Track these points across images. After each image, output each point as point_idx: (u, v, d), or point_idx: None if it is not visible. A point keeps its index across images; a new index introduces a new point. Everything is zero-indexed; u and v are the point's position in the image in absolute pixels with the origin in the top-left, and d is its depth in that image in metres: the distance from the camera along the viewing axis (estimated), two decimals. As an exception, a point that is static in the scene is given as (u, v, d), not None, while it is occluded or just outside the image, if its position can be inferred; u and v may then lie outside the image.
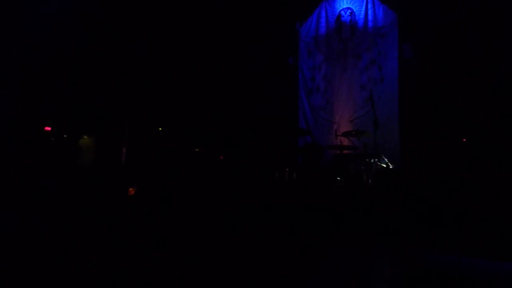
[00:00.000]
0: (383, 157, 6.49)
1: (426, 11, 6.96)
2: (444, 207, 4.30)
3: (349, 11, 8.13)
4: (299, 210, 5.18)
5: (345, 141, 6.99)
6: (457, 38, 6.60)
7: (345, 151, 6.89)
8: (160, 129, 8.25)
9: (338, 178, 6.34)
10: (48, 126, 7.53)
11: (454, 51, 6.62)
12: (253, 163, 7.19)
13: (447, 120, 6.52)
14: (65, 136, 7.78)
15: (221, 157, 8.00)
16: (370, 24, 7.96)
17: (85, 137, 8.04)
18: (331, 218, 4.92)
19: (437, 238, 3.98)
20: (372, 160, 6.34)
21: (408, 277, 3.25)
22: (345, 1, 8.20)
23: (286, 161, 7.18)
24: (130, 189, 6.18)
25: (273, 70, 8.27)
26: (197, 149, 8.17)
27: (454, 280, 3.01)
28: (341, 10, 8.21)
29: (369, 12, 7.97)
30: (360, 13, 8.04)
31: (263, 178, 6.78)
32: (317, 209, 5.14)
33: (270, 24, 8.15)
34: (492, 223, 3.80)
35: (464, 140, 6.24)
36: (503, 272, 3.10)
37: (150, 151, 7.90)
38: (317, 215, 5.02)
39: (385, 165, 6.44)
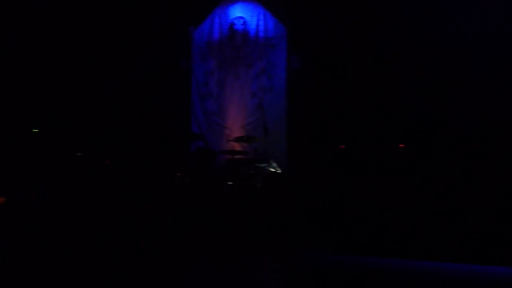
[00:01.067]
0: (272, 162, 6.78)
1: (314, 27, 7.50)
2: (328, 209, 4.65)
3: (242, 20, 8.35)
4: (190, 215, 5.12)
5: (237, 146, 7.15)
6: (341, 52, 7.25)
7: (237, 156, 7.04)
8: (36, 131, 7.42)
9: (230, 183, 6.43)
10: None
11: (338, 65, 7.26)
12: (143, 168, 6.90)
13: (330, 128, 7.09)
14: None
15: (107, 162, 7.50)
16: (261, 34, 8.28)
17: None
18: (222, 222, 4.96)
19: (321, 238, 4.28)
20: (261, 165, 6.59)
21: (293, 276, 3.41)
22: (238, 10, 8.40)
23: (178, 166, 7.04)
24: (-1, 198, 5.42)
25: (165, 73, 8.08)
26: (79, 153, 7.53)
27: (337, 278, 3.24)
28: (234, 19, 8.39)
29: (261, 23, 8.30)
30: (252, 23, 8.32)
31: (154, 183, 6.54)
32: (208, 214, 5.14)
33: (163, 26, 7.96)
34: (371, 223, 4.22)
35: (343, 146, 6.84)
36: (382, 268, 3.44)
37: (22, 155, 7.04)
38: (208, 219, 5.02)
39: (273, 170, 6.73)
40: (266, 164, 6.63)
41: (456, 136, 6.18)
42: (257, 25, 8.30)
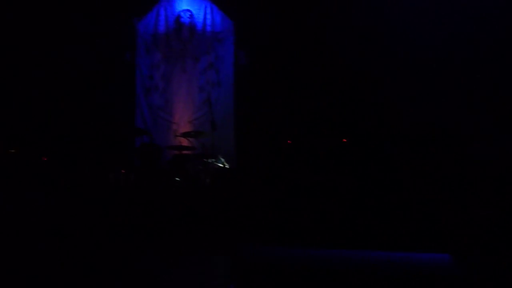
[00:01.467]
0: (220, 157, 6.75)
1: (261, 22, 7.54)
2: (276, 204, 4.72)
3: (189, 13, 8.20)
4: (136, 213, 4.98)
5: (184, 142, 7.03)
6: (288, 48, 7.35)
7: (184, 152, 6.92)
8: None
9: (177, 179, 6.32)
10: None
11: (285, 60, 7.36)
12: (84, 164, 6.59)
13: (277, 123, 7.19)
14: None
15: (45, 158, 7.07)
16: (208, 28, 8.18)
17: None
18: (169, 219, 4.88)
19: (270, 232, 4.34)
20: (209, 160, 6.54)
21: (242, 271, 3.43)
22: (184, 3, 8.23)
23: (122, 162, 6.79)
24: None
25: (109, 65, 7.74)
26: (12, 150, 7.03)
27: (286, 271, 3.30)
28: (180, 11, 8.22)
29: (208, 17, 8.19)
30: (199, 16, 8.19)
31: (96, 180, 6.26)
32: (155, 211, 5.03)
33: (106, 17, 7.62)
34: (318, 216, 4.34)
35: (290, 142, 6.97)
36: (331, 259, 3.54)
37: None
38: (154, 216, 4.91)
39: (221, 165, 6.70)
40: (214, 160, 6.59)
41: (395, 132, 6.50)
42: (204, 18, 8.19)
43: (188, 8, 8.23)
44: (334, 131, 6.77)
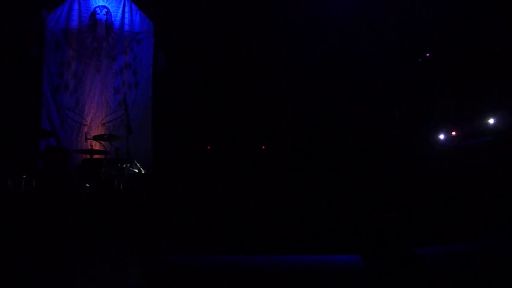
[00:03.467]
0: (136, 162, 6.45)
1: (182, 25, 7.40)
2: (194, 210, 4.59)
3: (105, 10, 7.77)
4: (37, 222, 4.53)
5: (96, 145, 6.58)
6: (208, 52, 7.29)
7: (96, 156, 6.48)
8: None
9: (87, 185, 5.89)
10: None
11: (205, 65, 7.29)
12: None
13: (196, 128, 7.07)
14: None
15: None
16: (126, 27, 7.83)
17: None
18: (76, 228, 4.51)
19: (186, 240, 4.20)
20: (124, 165, 6.20)
21: (158, 282, 3.28)
22: (101, -1, 7.79)
23: (23, 167, 6.15)
24: None
25: (12, 60, 7.00)
26: None
27: (202, 280, 3.21)
28: (96, 7, 7.75)
29: (126, 15, 7.84)
30: (116, 14, 7.80)
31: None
32: (60, 220, 4.62)
33: (10, 6, 6.90)
34: (234, 223, 4.29)
35: (209, 147, 6.89)
36: (246, 266, 3.51)
37: None
38: (59, 226, 4.51)
39: (137, 170, 6.40)
40: (129, 164, 6.25)
41: (312, 138, 6.75)
42: (123, 17, 7.82)
43: (105, 4, 7.79)
44: (253, 137, 6.84)
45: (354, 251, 3.39)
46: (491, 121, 5.82)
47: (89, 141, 6.47)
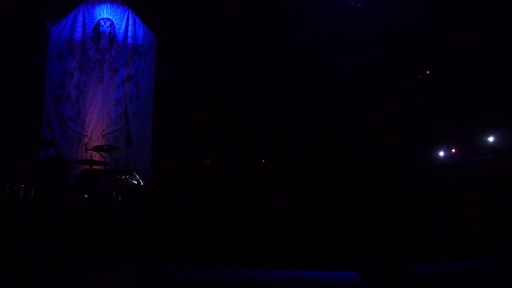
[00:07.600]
0: (135, 174, 6.44)
1: (184, 38, 7.46)
2: (193, 223, 4.57)
3: (109, 22, 7.86)
4: (35, 232, 4.50)
5: (96, 156, 6.58)
6: (210, 65, 7.33)
7: (95, 167, 6.47)
8: None
9: (86, 196, 5.87)
10: None
11: (207, 78, 7.33)
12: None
13: (196, 141, 7.07)
14: None
15: None
16: (129, 40, 7.91)
17: None
18: (75, 239, 4.48)
19: (186, 253, 4.17)
20: (123, 177, 6.18)
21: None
22: (105, 11, 7.88)
23: (22, 176, 6.13)
24: None
25: (15, 69, 7.04)
26: None
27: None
28: (100, 19, 7.84)
29: (129, 28, 7.93)
30: (120, 27, 7.89)
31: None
32: (57, 230, 4.59)
33: (15, 16, 6.96)
34: (236, 236, 4.27)
35: (208, 160, 6.89)
36: (247, 279, 3.48)
37: None
38: (57, 236, 4.48)
39: (136, 182, 6.39)
40: (128, 176, 6.24)
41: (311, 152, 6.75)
42: (126, 30, 7.90)
43: (109, 17, 7.88)
44: (253, 150, 6.84)
45: (353, 268, 3.37)
46: (491, 139, 5.85)
47: (89, 151, 6.46)
